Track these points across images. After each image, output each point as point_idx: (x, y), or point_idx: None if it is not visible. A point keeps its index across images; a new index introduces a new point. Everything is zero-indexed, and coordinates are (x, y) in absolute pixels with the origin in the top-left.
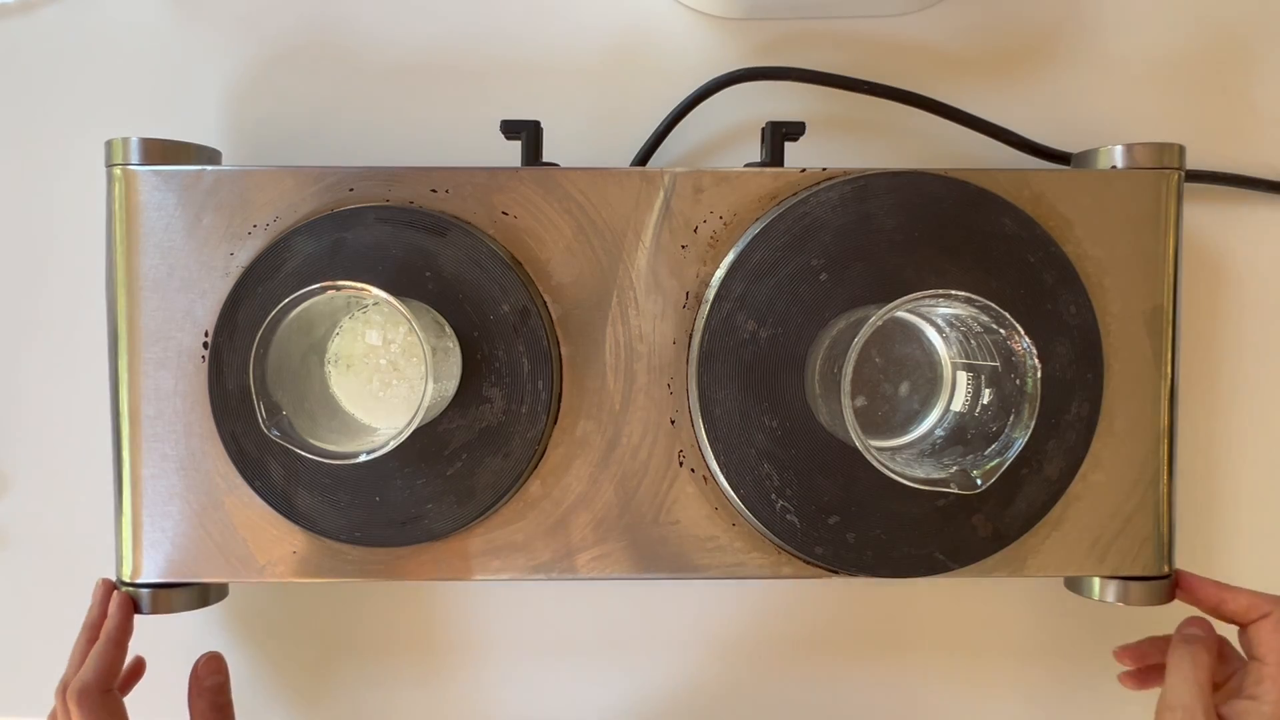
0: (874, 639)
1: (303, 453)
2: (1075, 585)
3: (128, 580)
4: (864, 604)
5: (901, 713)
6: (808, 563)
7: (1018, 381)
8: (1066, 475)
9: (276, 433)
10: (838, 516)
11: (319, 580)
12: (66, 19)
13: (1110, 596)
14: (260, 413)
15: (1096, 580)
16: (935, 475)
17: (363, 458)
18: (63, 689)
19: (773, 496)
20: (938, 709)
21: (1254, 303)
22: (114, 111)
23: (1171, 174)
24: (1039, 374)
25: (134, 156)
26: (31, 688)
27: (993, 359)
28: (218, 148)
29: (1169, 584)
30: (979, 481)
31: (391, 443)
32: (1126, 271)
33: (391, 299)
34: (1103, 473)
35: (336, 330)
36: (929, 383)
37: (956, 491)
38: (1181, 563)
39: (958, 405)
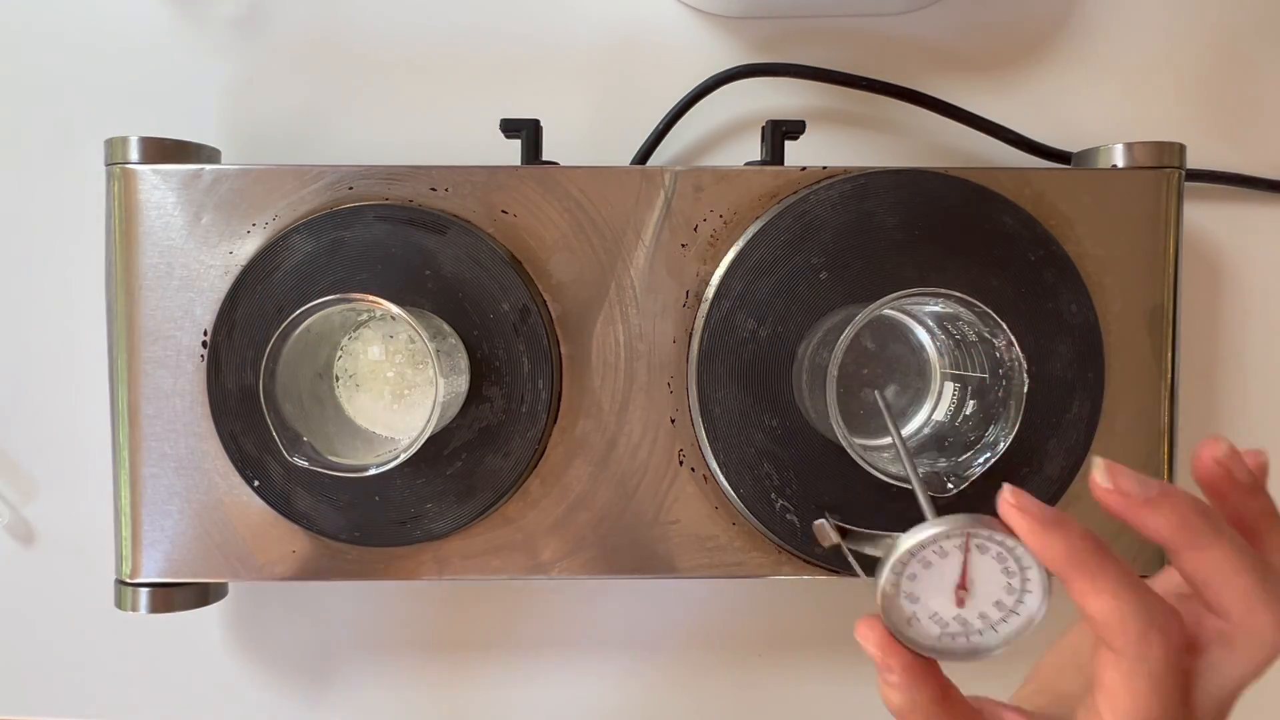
0: None
1: (331, 473)
2: None
3: (127, 579)
4: (863, 604)
5: None
6: (808, 562)
7: (1000, 393)
8: (1067, 475)
9: (303, 461)
10: (838, 516)
11: (319, 580)
12: (66, 19)
13: None
14: (281, 444)
15: None
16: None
17: (401, 458)
18: None
19: (772, 496)
20: None
21: (1254, 303)
22: (114, 111)
23: (1172, 173)
24: (1025, 368)
25: (133, 155)
26: (42, 687)
27: (982, 371)
28: (217, 146)
29: None
30: (950, 485)
31: (415, 445)
32: (1127, 270)
33: (400, 311)
34: None
35: (339, 354)
36: (915, 389)
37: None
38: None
39: (940, 414)
